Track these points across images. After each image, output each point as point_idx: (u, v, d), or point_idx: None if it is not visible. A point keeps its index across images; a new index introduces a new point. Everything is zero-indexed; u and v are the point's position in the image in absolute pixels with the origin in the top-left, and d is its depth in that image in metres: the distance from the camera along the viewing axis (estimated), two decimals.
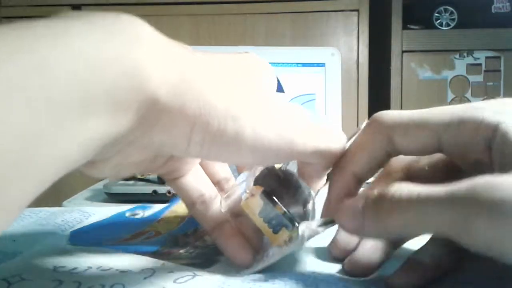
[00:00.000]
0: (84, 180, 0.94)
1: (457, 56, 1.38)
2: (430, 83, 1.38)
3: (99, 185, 0.73)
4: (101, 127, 0.18)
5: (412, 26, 1.40)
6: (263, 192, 0.27)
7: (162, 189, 0.61)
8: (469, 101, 1.34)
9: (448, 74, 1.39)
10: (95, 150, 0.19)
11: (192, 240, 0.33)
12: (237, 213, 0.29)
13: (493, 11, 1.39)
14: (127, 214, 0.40)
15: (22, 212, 0.41)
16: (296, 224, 0.26)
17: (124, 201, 0.60)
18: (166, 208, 0.40)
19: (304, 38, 1.37)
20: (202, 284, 0.25)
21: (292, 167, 0.29)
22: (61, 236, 0.35)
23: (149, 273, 0.27)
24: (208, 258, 0.30)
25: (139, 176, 0.66)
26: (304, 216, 0.27)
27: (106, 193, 0.64)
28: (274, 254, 0.27)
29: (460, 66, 1.38)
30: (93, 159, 0.20)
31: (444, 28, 1.39)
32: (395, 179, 0.26)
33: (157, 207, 0.40)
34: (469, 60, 1.38)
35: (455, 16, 1.39)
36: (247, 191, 0.28)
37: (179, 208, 0.38)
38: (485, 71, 1.36)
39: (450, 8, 1.39)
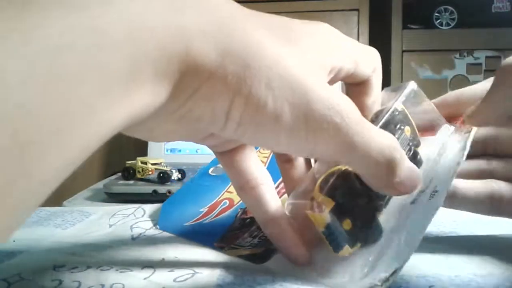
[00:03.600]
0: (84, 180, 0.94)
1: (457, 55, 1.38)
2: (430, 83, 1.38)
3: (99, 185, 0.73)
4: (146, 96, 0.17)
5: (412, 26, 1.40)
6: (332, 209, 0.24)
7: (162, 189, 0.61)
8: None
9: (448, 73, 1.39)
10: (136, 118, 0.18)
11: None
12: (300, 213, 0.26)
13: (493, 11, 1.39)
14: (210, 171, 0.42)
15: None
16: (358, 244, 0.25)
17: (124, 201, 0.60)
18: None
19: None
20: (202, 282, 0.25)
21: None
22: (61, 236, 0.35)
23: (149, 272, 0.27)
24: (268, 248, 0.29)
25: (139, 176, 0.66)
26: (370, 231, 0.25)
27: (106, 193, 0.64)
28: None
29: (460, 65, 1.38)
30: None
31: (444, 27, 1.39)
32: None
33: None
34: (469, 59, 1.38)
35: (455, 16, 1.39)
36: (316, 199, 0.25)
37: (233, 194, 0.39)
38: (485, 70, 1.36)
39: (450, 8, 1.39)
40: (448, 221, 0.35)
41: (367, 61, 0.27)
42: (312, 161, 0.30)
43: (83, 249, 0.31)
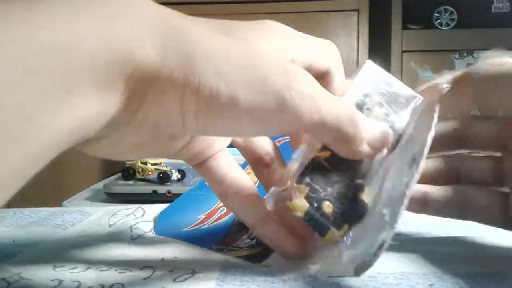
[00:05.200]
0: (84, 180, 0.94)
1: (457, 56, 1.38)
2: None
3: (99, 185, 0.73)
4: (91, 106, 0.17)
5: (412, 26, 1.40)
6: (307, 195, 0.25)
7: (162, 189, 0.61)
8: None
9: None
10: (86, 130, 0.18)
11: None
12: (283, 208, 0.27)
13: (493, 11, 1.39)
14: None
15: (22, 212, 0.41)
16: (345, 225, 0.25)
17: (124, 201, 0.61)
18: None
19: None
20: (201, 282, 0.25)
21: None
22: (61, 236, 0.35)
23: (149, 273, 0.27)
24: (266, 247, 0.29)
25: (139, 176, 0.66)
26: (354, 211, 0.25)
27: (106, 193, 0.64)
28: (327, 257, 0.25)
29: (460, 66, 1.38)
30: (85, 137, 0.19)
31: (444, 28, 1.39)
32: None
33: None
34: (469, 60, 1.38)
35: (455, 16, 1.39)
36: (291, 189, 0.25)
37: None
38: None
39: (450, 8, 1.39)
40: (448, 221, 0.35)
41: (324, 53, 0.27)
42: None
43: (83, 249, 0.31)
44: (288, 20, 1.41)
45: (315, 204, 0.25)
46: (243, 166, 0.37)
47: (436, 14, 1.39)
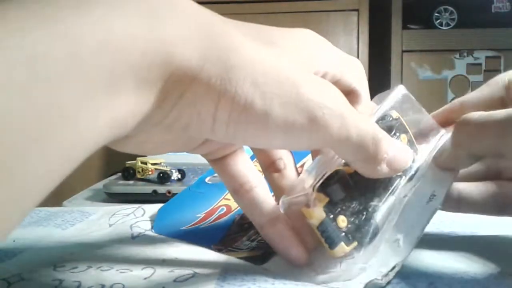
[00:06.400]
0: (84, 180, 0.94)
1: (457, 56, 1.38)
2: (430, 83, 1.39)
3: (99, 185, 0.73)
4: (128, 105, 0.17)
5: (412, 26, 1.40)
6: (326, 205, 0.25)
7: (162, 189, 0.61)
8: None
9: (448, 74, 1.39)
10: (122, 129, 0.18)
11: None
12: (295, 212, 0.27)
13: (493, 11, 1.39)
14: (207, 179, 0.41)
15: None
16: (355, 242, 0.25)
17: (124, 201, 0.60)
18: None
19: None
20: (202, 282, 0.25)
21: None
22: (61, 236, 0.35)
23: (149, 273, 0.27)
24: (266, 251, 0.30)
25: (139, 176, 0.66)
26: (366, 230, 0.25)
27: (106, 193, 0.64)
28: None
29: (460, 66, 1.38)
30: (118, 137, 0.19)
31: (444, 28, 1.39)
32: None
33: None
34: (469, 60, 1.38)
35: (455, 16, 1.39)
36: (310, 196, 0.25)
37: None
38: (485, 71, 1.36)
39: (450, 8, 1.39)
40: (447, 221, 0.35)
41: (352, 70, 0.27)
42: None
43: (83, 249, 0.31)
44: (287, 20, 1.42)
45: (331, 216, 0.25)
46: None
47: (436, 14, 1.40)
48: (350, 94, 0.27)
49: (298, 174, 0.30)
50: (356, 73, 0.27)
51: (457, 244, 0.31)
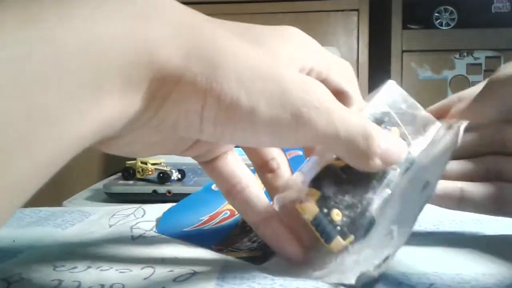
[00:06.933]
0: (84, 180, 0.94)
1: (457, 56, 1.38)
2: (430, 83, 1.39)
3: (99, 185, 0.73)
4: (114, 106, 0.17)
5: (412, 26, 1.40)
6: (319, 199, 0.25)
7: (162, 189, 0.61)
8: None
9: (448, 74, 1.39)
10: (107, 130, 0.18)
11: None
12: (290, 210, 0.27)
13: (493, 11, 1.39)
14: (213, 187, 0.42)
15: (22, 212, 0.41)
16: (351, 236, 0.25)
17: (124, 201, 0.60)
18: None
19: None
20: (202, 282, 0.25)
21: None
22: (61, 236, 0.35)
23: (149, 272, 0.27)
24: (266, 252, 0.30)
25: (139, 176, 0.66)
26: (361, 223, 0.25)
27: (106, 193, 0.64)
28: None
29: (460, 66, 1.38)
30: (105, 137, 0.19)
31: (444, 28, 1.39)
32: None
33: None
34: (469, 60, 1.38)
35: (455, 16, 1.39)
36: (302, 191, 0.25)
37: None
38: (485, 71, 1.36)
39: (450, 8, 1.39)
40: (447, 221, 0.35)
41: (340, 70, 0.27)
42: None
43: (83, 249, 0.31)
44: (287, 20, 1.41)
45: (325, 210, 0.25)
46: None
47: (436, 14, 1.39)
48: (340, 95, 0.27)
49: (292, 173, 0.30)
50: (345, 73, 0.27)
51: (457, 244, 0.31)
